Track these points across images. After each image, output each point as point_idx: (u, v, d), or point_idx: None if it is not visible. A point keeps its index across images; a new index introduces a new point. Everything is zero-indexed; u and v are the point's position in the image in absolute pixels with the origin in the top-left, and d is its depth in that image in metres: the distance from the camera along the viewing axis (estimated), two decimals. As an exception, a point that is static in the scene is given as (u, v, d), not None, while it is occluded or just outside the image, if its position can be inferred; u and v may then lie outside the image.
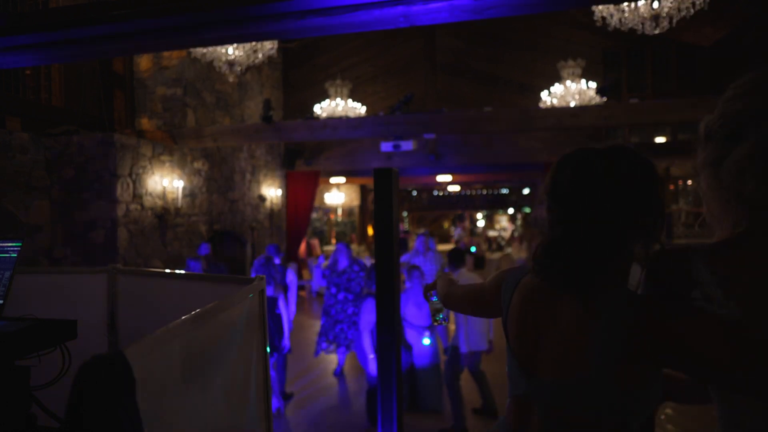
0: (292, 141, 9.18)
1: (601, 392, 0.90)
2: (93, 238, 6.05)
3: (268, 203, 9.93)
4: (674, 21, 5.22)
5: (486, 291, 1.25)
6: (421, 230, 12.70)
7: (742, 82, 0.90)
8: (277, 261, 5.76)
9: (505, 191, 21.18)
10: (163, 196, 6.84)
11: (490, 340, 4.32)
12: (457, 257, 4.65)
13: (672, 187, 10.46)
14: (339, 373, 5.61)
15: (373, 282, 4.06)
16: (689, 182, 10.41)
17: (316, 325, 6.93)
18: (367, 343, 4.07)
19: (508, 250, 14.48)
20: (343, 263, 5.42)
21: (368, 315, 4.06)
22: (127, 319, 1.97)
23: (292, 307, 5.39)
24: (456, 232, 14.25)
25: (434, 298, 1.64)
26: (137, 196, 6.39)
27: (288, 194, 10.79)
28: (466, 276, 4.45)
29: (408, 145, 7.17)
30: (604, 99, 7.32)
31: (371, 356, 4.03)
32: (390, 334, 2.46)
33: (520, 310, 1.06)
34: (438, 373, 4.57)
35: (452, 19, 2.76)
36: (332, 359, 5.93)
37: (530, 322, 1.03)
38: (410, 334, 4.37)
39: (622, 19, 5.42)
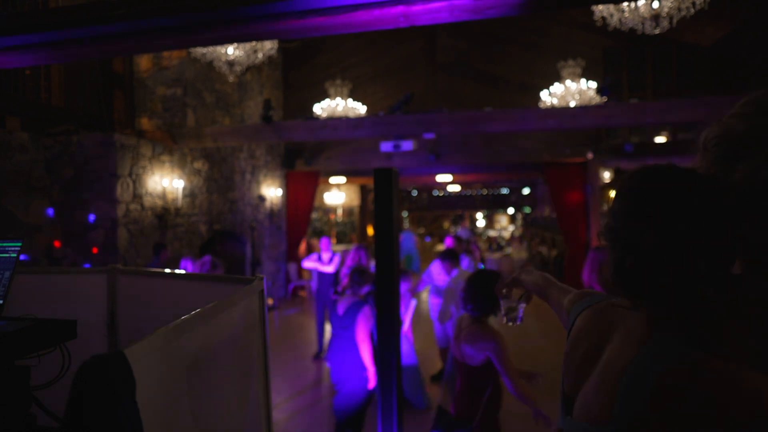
0: (292, 141, 9.18)
1: None
2: (93, 238, 6.05)
3: (268, 203, 9.92)
4: (674, 21, 5.22)
5: (566, 302, 1.18)
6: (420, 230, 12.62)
7: (750, 99, 0.85)
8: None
9: (505, 191, 21.19)
10: (163, 196, 6.84)
11: None
12: (452, 258, 4.61)
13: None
14: None
15: (360, 285, 3.59)
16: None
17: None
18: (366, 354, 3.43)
19: (508, 250, 14.48)
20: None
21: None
22: (127, 319, 1.96)
23: None
24: (461, 233, 13.58)
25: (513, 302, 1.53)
26: (137, 196, 6.39)
27: (288, 194, 10.78)
28: (465, 276, 4.45)
29: (408, 145, 7.16)
30: (604, 99, 7.31)
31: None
32: (390, 335, 2.46)
33: (574, 339, 1.01)
34: (418, 373, 4.59)
35: (452, 19, 2.76)
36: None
37: (579, 355, 0.97)
38: None
39: (622, 19, 5.42)
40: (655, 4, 5.18)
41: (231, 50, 6.26)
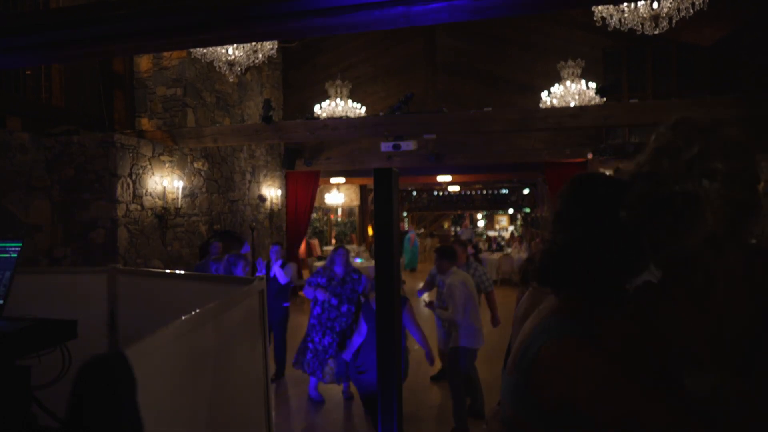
0: (292, 141, 9.17)
1: (521, 406, 0.97)
2: (93, 238, 6.05)
3: (268, 203, 9.92)
4: (674, 21, 5.21)
5: None
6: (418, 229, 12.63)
7: (663, 129, 1.01)
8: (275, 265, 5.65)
9: (505, 191, 21.18)
10: (163, 196, 6.84)
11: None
12: (449, 255, 4.43)
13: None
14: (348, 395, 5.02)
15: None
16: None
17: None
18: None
19: (508, 250, 14.47)
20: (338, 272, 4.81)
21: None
22: (127, 319, 1.97)
23: None
24: (461, 232, 13.61)
25: None
26: (137, 196, 6.39)
27: (288, 194, 10.78)
28: (461, 275, 4.41)
29: (408, 145, 7.15)
30: (604, 99, 7.30)
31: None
32: (390, 335, 2.46)
33: (520, 306, 1.20)
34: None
35: (452, 19, 2.75)
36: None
37: (520, 315, 1.16)
38: None
39: (622, 20, 5.41)
40: (655, 5, 5.17)
41: (231, 50, 6.25)
